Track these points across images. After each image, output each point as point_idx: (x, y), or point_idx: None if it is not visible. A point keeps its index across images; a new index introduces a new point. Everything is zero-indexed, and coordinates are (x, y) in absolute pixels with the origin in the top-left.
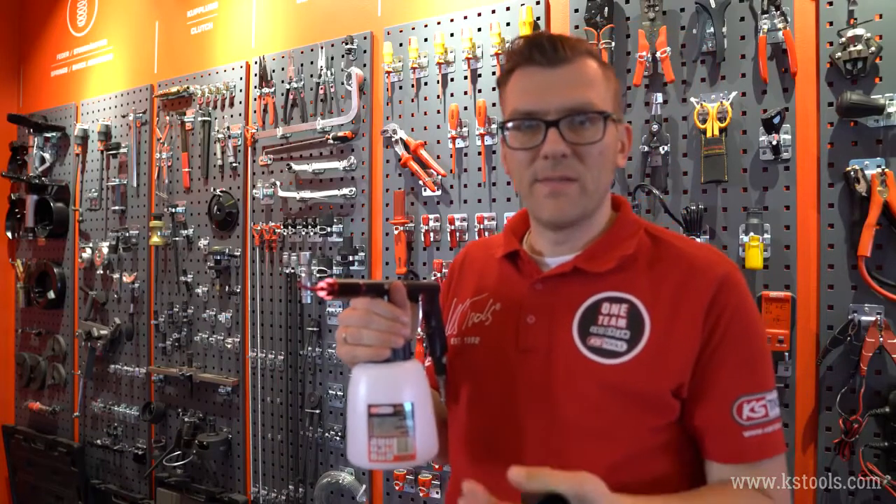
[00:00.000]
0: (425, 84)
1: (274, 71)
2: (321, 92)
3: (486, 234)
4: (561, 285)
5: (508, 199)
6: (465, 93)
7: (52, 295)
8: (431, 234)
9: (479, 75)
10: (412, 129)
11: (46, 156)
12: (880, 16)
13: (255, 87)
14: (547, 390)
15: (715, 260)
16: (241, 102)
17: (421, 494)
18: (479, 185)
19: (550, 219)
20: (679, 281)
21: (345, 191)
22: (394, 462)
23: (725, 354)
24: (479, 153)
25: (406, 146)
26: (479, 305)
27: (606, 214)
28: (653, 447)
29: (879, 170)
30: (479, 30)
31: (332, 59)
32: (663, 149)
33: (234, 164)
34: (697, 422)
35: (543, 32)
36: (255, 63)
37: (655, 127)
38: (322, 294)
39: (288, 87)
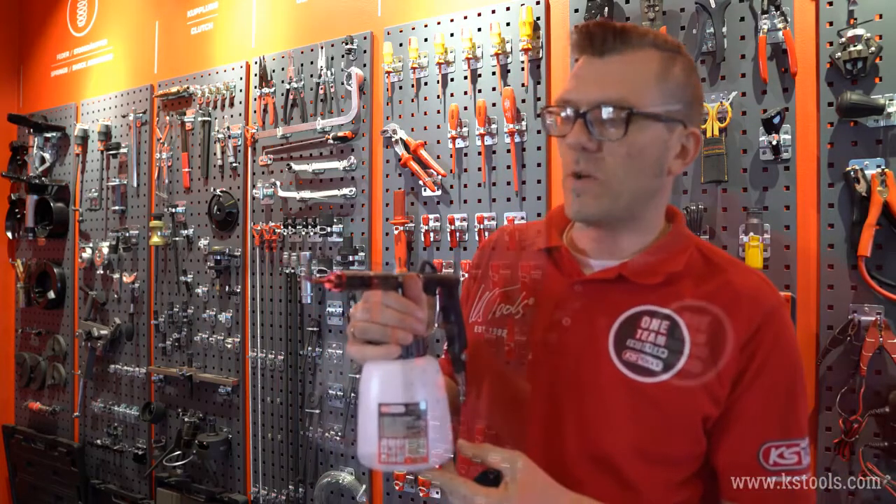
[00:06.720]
0: (425, 84)
1: (274, 71)
2: (321, 92)
3: (486, 234)
4: (602, 291)
5: (508, 200)
6: (465, 93)
7: (52, 295)
8: (431, 234)
9: (479, 75)
10: (412, 129)
11: (46, 156)
12: (880, 16)
13: (255, 87)
14: (574, 398)
15: (764, 292)
16: (241, 102)
17: (421, 494)
18: (479, 185)
19: (573, 215)
20: (723, 308)
21: (345, 191)
22: (405, 464)
23: (757, 393)
24: (479, 153)
25: (406, 146)
26: (509, 297)
27: (658, 223)
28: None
29: (879, 170)
30: (479, 30)
31: (332, 59)
32: None
33: (234, 164)
34: (721, 460)
35: (599, 20)
36: (255, 63)
37: None
38: (329, 286)
39: (288, 87)
